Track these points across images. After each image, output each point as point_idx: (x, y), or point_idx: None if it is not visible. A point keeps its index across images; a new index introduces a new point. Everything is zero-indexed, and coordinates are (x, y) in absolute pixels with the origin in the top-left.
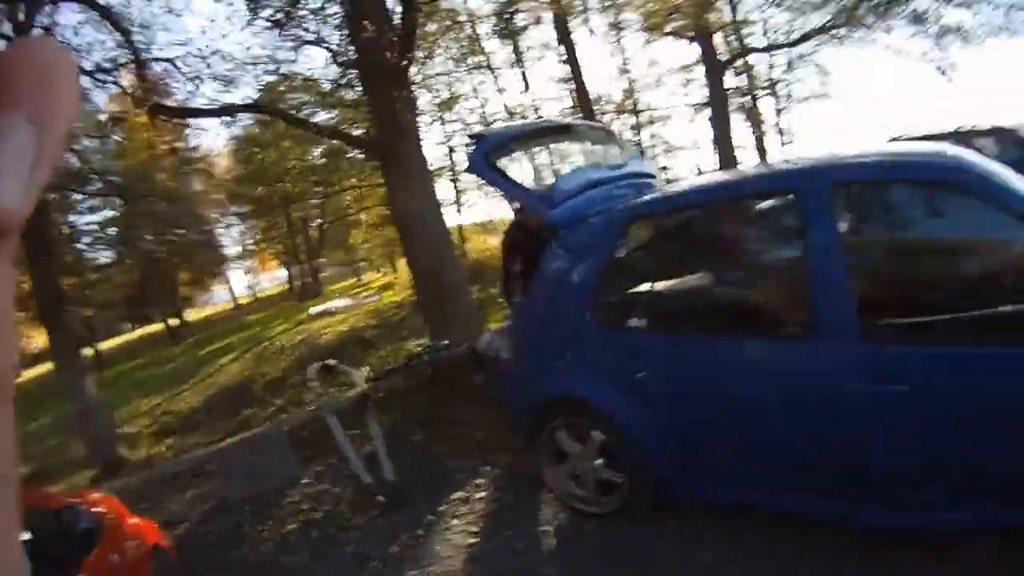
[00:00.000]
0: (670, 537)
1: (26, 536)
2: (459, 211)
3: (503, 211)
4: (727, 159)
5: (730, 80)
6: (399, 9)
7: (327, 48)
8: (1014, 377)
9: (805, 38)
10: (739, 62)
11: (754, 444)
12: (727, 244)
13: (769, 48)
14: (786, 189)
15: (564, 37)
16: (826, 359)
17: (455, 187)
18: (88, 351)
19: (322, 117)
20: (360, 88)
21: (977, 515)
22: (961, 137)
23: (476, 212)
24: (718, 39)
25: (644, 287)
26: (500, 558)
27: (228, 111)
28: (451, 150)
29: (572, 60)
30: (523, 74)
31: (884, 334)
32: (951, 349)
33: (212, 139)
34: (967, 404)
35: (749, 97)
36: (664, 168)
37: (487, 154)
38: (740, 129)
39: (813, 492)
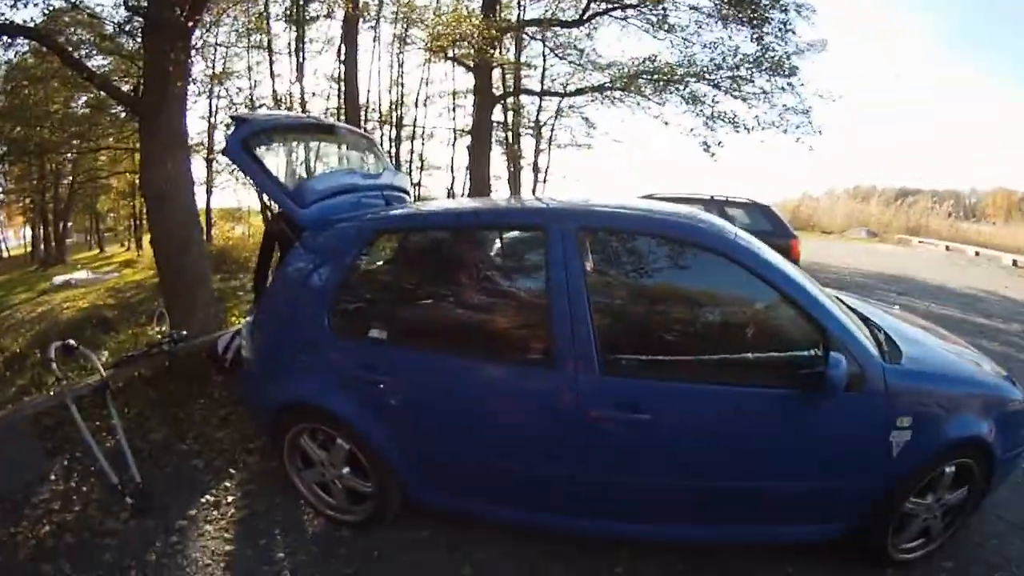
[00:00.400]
0: (426, 545)
1: None
2: (209, 193)
3: (252, 200)
4: (480, 186)
5: (497, 113)
6: None
7: None
8: (731, 413)
9: (580, 92)
10: (510, 100)
11: (486, 459)
12: (473, 269)
13: (544, 93)
14: (536, 226)
15: (349, 37)
16: (564, 386)
17: (208, 167)
18: None
19: (96, 63)
20: (140, 39)
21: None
22: (715, 204)
23: (225, 197)
24: (496, 73)
25: (386, 299)
26: (258, 567)
27: (7, 30)
28: (211, 127)
29: (350, 61)
30: (299, 64)
31: (628, 367)
32: (680, 385)
33: None
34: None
35: (511, 133)
36: (417, 184)
37: (246, 139)
38: (497, 160)
39: (542, 505)
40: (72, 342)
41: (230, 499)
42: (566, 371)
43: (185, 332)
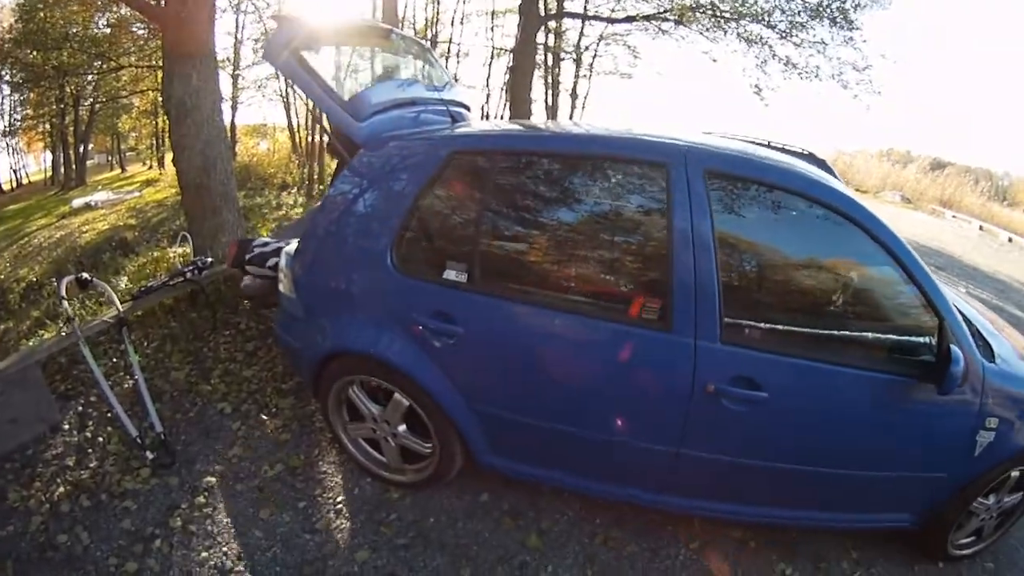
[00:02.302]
0: (487, 511)
1: None
2: (234, 110)
3: (279, 115)
4: (520, 109)
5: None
6: None
7: None
8: (844, 396)
9: (630, 19)
10: (551, 23)
11: (573, 426)
12: (574, 206)
13: (594, 18)
14: (655, 163)
15: None
16: (679, 353)
17: (234, 83)
18: None
19: None
20: None
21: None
22: (775, 151)
23: (250, 113)
24: None
25: (466, 236)
26: (299, 537)
27: None
28: (238, 43)
29: None
30: None
31: (753, 338)
32: (800, 361)
33: None
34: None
35: (552, 56)
36: None
37: (292, 43)
38: (535, 84)
39: (629, 480)
40: (85, 275)
41: (263, 451)
42: (684, 336)
43: (211, 259)
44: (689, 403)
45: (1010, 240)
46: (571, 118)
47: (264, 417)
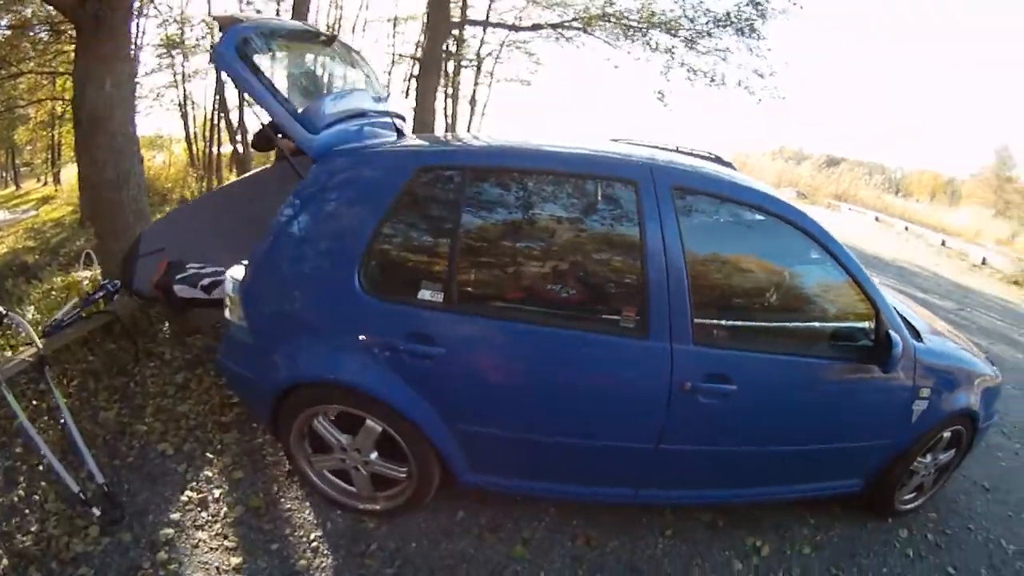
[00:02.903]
0: (467, 528)
1: None
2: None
3: (174, 127)
4: (427, 117)
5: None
6: None
7: None
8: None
9: (536, 27)
10: (455, 31)
11: (557, 436)
12: (548, 222)
13: (501, 26)
14: (626, 179)
15: None
16: (657, 357)
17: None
18: None
19: None
20: None
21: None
22: (682, 155)
23: (145, 124)
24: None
25: (438, 254)
26: None
27: None
28: (137, 48)
29: None
30: None
31: (719, 337)
32: (761, 355)
33: None
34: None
35: (453, 63)
36: None
37: (240, 44)
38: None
39: (611, 480)
40: (1, 309)
41: (217, 493)
42: (661, 341)
43: (119, 281)
44: (668, 402)
45: (906, 229)
46: (469, 127)
47: (210, 455)
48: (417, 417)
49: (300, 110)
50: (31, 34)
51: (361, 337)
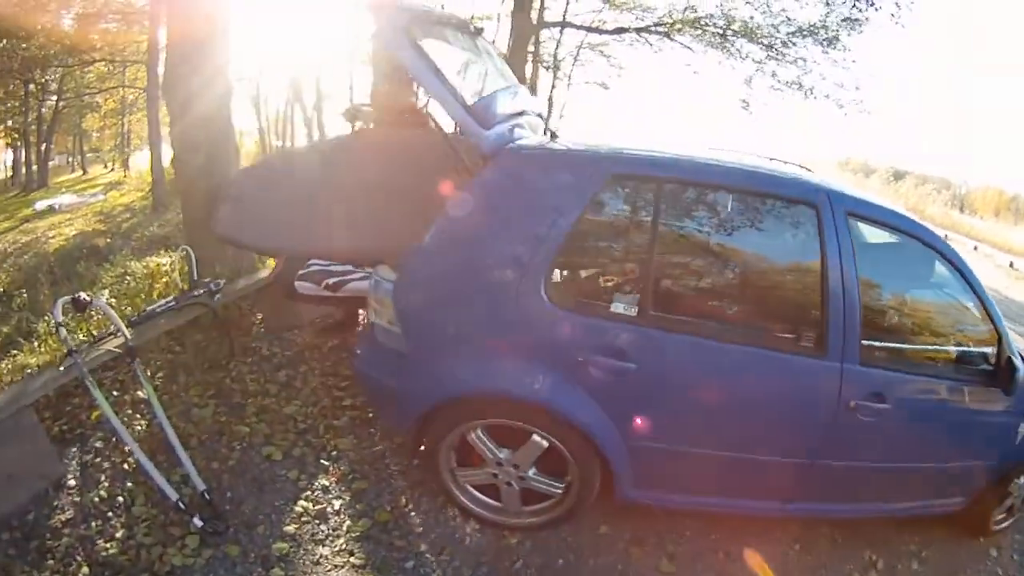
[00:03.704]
0: (612, 542)
1: None
2: None
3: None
4: None
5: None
6: None
7: None
8: (938, 402)
9: (621, 31)
10: (543, 32)
11: (728, 451)
12: (737, 239)
13: (583, 28)
14: (806, 201)
15: None
16: (831, 376)
17: None
18: None
19: None
20: None
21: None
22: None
23: None
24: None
25: (636, 265)
26: None
27: None
28: None
29: None
30: None
31: (879, 357)
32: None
33: None
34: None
35: (532, 64)
36: None
37: (409, 27)
38: None
39: (769, 494)
40: (84, 295)
41: (337, 504)
42: (834, 360)
43: (223, 280)
44: (835, 419)
45: (975, 248)
46: (546, 130)
47: (324, 462)
48: (597, 433)
49: (470, 103)
50: (101, 25)
51: (544, 349)
